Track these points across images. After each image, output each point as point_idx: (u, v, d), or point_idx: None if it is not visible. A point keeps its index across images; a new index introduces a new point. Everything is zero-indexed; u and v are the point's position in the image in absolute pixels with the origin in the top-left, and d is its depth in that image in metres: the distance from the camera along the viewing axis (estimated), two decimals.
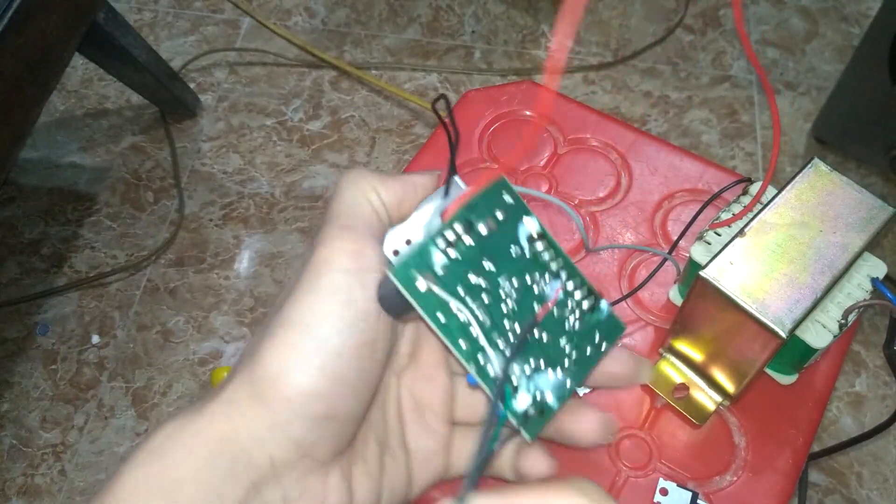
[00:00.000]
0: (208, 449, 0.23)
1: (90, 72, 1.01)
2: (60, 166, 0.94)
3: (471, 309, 0.26)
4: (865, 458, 0.76)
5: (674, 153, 0.48)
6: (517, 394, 0.26)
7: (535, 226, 0.28)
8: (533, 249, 0.28)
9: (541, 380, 0.27)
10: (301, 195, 0.92)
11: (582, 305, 0.28)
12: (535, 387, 0.27)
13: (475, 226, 0.27)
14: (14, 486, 0.74)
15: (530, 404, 0.26)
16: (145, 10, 1.07)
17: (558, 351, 0.28)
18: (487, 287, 0.27)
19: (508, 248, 0.28)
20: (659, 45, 1.05)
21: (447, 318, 0.26)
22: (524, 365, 0.27)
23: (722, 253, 0.35)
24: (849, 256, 0.35)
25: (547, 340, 0.27)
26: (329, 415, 0.24)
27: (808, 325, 0.35)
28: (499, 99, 0.51)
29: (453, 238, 0.27)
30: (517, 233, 0.28)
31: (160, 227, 0.89)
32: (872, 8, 1.08)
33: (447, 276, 0.26)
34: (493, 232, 0.27)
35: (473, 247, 0.27)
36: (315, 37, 1.05)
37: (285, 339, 0.24)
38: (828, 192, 0.36)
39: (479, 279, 0.27)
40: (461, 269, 0.27)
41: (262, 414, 0.23)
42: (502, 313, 0.27)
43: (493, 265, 0.27)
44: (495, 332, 0.26)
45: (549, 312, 0.28)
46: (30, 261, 0.87)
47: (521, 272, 0.27)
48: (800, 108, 1.00)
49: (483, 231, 0.27)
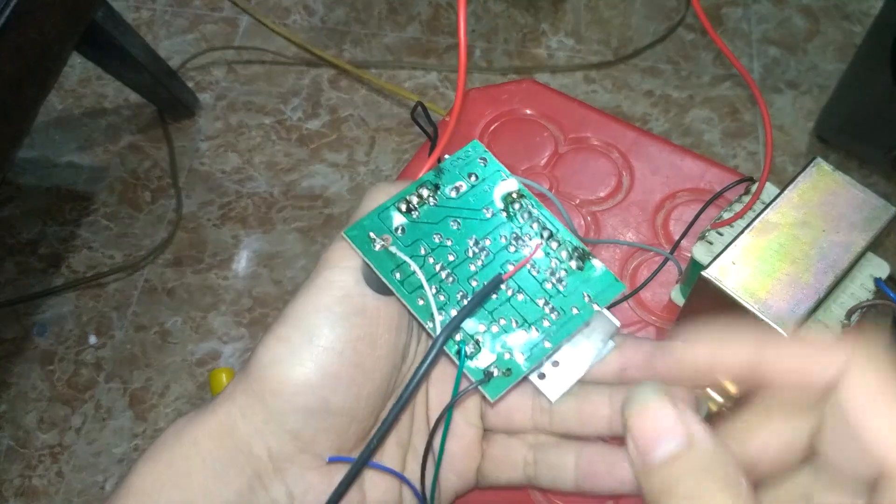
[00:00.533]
0: (212, 441, 0.24)
1: (88, 71, 1.01)
2: (58, 166, 0.93)
3: (431, 267, 0.26)
4: None
5: (675, 152, 0.48)
6: (479, 352, 0.25)
7: (513, 185, 0.28)
8: (511, 211, 0.27)
9: (510, 339, 0.26)
10: (300, 194, 0.91)
11: (568, 264, 0.27)
12: (501, 346, 0.26)
13: (443, 188, 0.27)
14: (11, 488, 0.74)
15: (494, 363, 0.25)
16: (143, 9, 1.07)
17: (535, 310, 0.26)
18: (454, 247, 0.27)
19: (481, 209, 0.27)
20: (660, 43, 1.04)
21: (404, 277, 0.26)
22: (491, 324, 0.26)
23: (724, 253, 0.34)
24: (851, 256, 0.34)
25: (522, 300, 0.26)
26: (323, 408, 0.24)
27: (811, 326, 0.35)
28: (499, 98, 0.50)
29: (416, 201, 0.27)
30: (492, 194, 0.28)
31: (158, 226, 0.89)
32: (874, 6, 1.07)
33: (406, 236, 0.26)
34: (463, 193, 0.27)
35: (438, 207, 0.27)
36: (314, 35, 1.05)
37: (279, 333, 0.25)
38: (830, 191, 0.36)
39: (445, 239, 0.27)
40: (423, 230, 0.27)
41: (256, 406, 0.24)
42: (470, 272, 0.26)
43: (460, 225, 0.27)
44: (460, 292, 0.26)
45: (527, 271, 0.27)
46: (27, 261, 0.86)
47: (495, 232, 0.27)
48: (802, 107, 0.99)
49: (452, 193, 0.27)
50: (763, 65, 1.02)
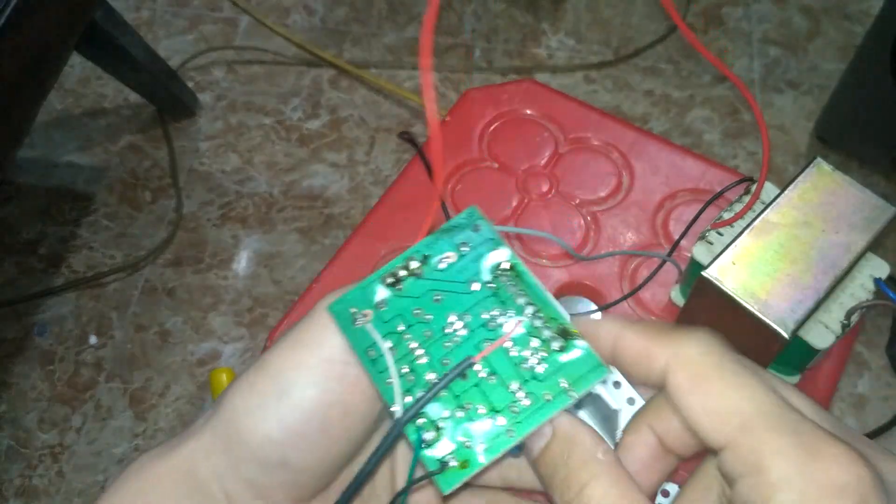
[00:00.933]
0: (172, 478, 0.24)
1: (88, 71, 1.00)
2: (58, 166, 0.93)
3: (405, 345, 0.25)
4: None
5: (675, 152, 0.48)
6: (439, 440, 0.23)
7: (504, 255, 0.25)
8: (498, 283, 0.25)
9: (473, 427, 0.24)
10: (300, 194, 0.91)
11: (550, 345, 0.24)
12: (463, 434, 0.23)
13: (431, 260, 0.26)
14: (12, 488, 0.74)
15: (452, 452, 0.23)
16: (143, 9, 1.07)
17: (504, 396, 0.24)
18: (432, 323, 0.25)
19: (466, 281, 0.25)
20: (660, 43, 1.04)
21: (377, 355, 0.24)
22: (456, 409, 0.24)
23: (724, 253, 0.34)
24: (851, 256, 0.34)
25: (494, 382, 0.24)
26: (282, 463, 0.24)
27: (811, 326, 0.35)
28: (499, 98, 0.50)
29: (403, 273, 0.25)
30: (480, 265, 0.25)
31: (158, 226, 0.89)
32: (874, 6, 1.07)
33: (388, 310, 0.25)
34: (452, 265, 0.26)
35: (423, 279, 0.25)
36: (314, 35, 1.05)
37: (253, 381, 0.25)
38: (830, 191, 0.36)
39: (425, 314, 0.25)
40: (404, 304, 0.25)
41: (219, 449, 0.24)
42: (444, 352, 0.24)
43: (443, 299, 0.25)
44: (430, 373, 0.24)
45: (503, 352, 0.24)
46: (27, 261, 0.86)
47: (476, 307, 0.25)
48: (802, 107, 0.99)
49: (441, 265, 0.26)
50: (763, 64, 1.02)
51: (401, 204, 0.46)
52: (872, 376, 0.80)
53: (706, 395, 0.22)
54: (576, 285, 0.43)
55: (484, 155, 0.48)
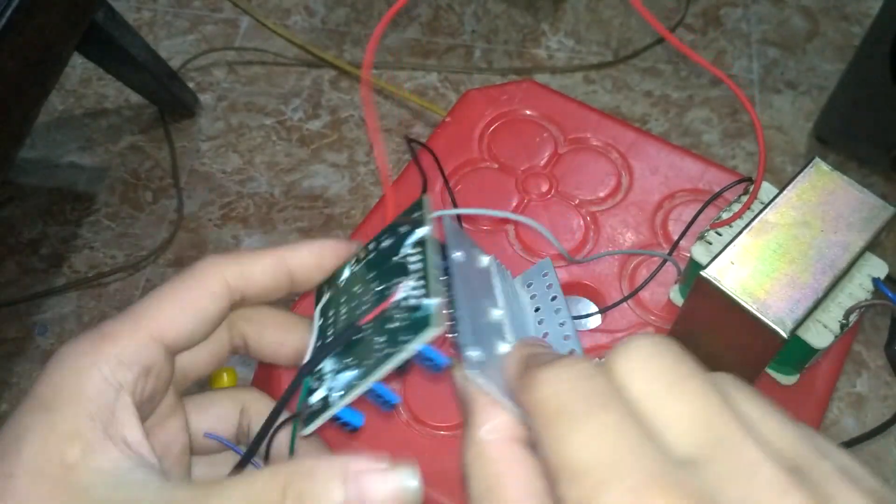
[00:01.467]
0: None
1: (89, 71, 1.01)
2: (59, 166, 0.93)
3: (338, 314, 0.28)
4: (866, 458, 0.76)
5: (674, 153, 0.48)
6: (318, 388, 0.26)
7: (423, 231, 0.28)
8: (408, 255, 0.27)
9: (340, 377, 0.26)
10: (300, 195, 0.91)
11: (412, 304, 0.25)
12: (332, 384, 0.26)
13: (381, 242, 0.29)
14: None
15: (320, 399, 0.26)
16: (144, 10, 1.07)
17: (370, 349, 0.26)
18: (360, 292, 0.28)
19: (391, 256, 0.28)
20: (660, 44, 1.05)
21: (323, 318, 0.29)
22: (339, 364, 0.26)
23: (723, 253, 0.34)
24: (850, 256, 0.34)
25: (375, 340, 0.26)
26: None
27: (810, 326, 0.35)
28: (499, 98, 0.50)
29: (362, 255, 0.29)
30: (405, 240, 0.28)
31: (159, 226, 0.89)
32: (873, 7, 1.07)
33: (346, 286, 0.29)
34: (391, 243, 0.29)
35: (371, 259, 0.29)
36: (314, 36, 1.05)
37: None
38: (829, 191, 0.36)
39: (360, 287, 0.28)
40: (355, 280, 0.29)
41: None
42: (356, 315, 0.27)
43: (376, 272, 0.28)
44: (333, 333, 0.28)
45: (387, 314, 0.26)
46: (29, 261, 0.86)
47: (388, 278, 0.27)
48: (801, 108, 0.99)
49: (386, 243, 0.29)
50: (762, 65, 1.03)
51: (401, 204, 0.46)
52: (871, 376, 0.81)
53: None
54: (575, 285, 0.43)
55: (484, 155, 0.48)
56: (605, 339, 0.41)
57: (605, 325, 0.42)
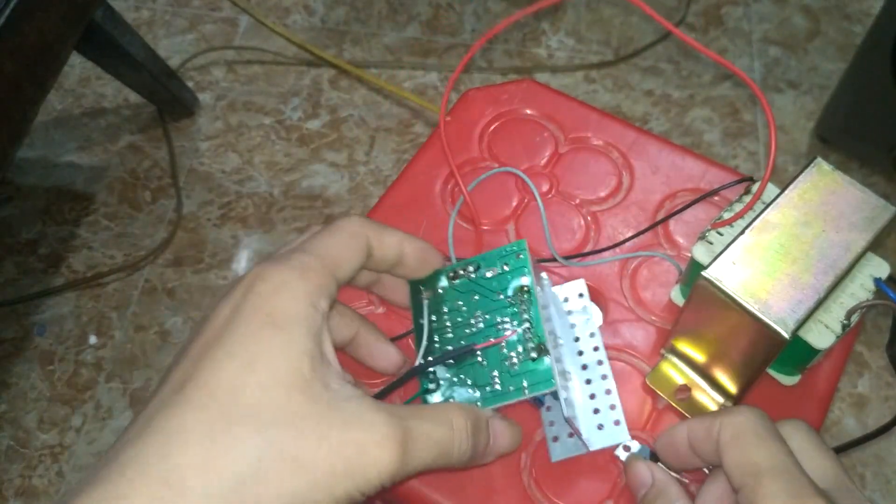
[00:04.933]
0: None
1: (88, 71, 1.01)
2: (58, 166, 0.93)
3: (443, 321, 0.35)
4: (868, 459, 0.76)
5: (675, 152, 0.48)
6: (435, 392, 0.34)
7: (526, 280, 0.35)
8: (516, 299, 0.34)
9: (457, 391, 0.33)
10: (300, 194, 0.91)
11: (529, 353, 0.33)
12: (451, 393, 0.33)
13: (482, 269, 0.36)
14: (11, 488, 0.74)
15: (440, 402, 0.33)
16: (143, 9, 1.07)
17: (486, 377, 0.33)
18: (464, 312, 0.35)
19: (496, 292, 0.35)
20: (660, 43, 1.04)
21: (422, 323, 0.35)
22: (455, 375, 0.34)
23: (724, 253, 0.34)
24: (852, 256, 0.34)
25: (485, 365, 0.33)
26: None
27: (811, 326, 0.35)
28: (499, 98, 0.50)
29: (462, 273, 0.36)
30: (510, 283, 0.35)
31: (158, 226, 0.89)
32: (874, 6, 1.07)
33: (443, 295, 0.36)
34: (493, 277, 0.35)
35: (471, 282, 0.36)
36: (314, 35, 1.05)
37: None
38: (830, 191, 0.36)
39: (462, 306, 0.35)
40: (452, 295, 0.36)
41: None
42: (464, 335, 0.35)
43: (478, 299, 0.35)
44: (450, 344, 0.35)
45: (498, 347, 0.33)
46: (27, 261, 0.86)
47: (495, 311, 0.34)
48: (802, 107, 0.99)
49: (488, 274, 0.35)
50: (763, 64, 1.02)
51: (401, 204, 0.46)
52: (873, 376, 0.80)
53: (737, 449, 0.29)
54: None
55: (484, 155, 0.48)
56: (605, 340, 0.41)
57: (605, 324, 0.42)
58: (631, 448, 0.37)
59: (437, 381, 0.34)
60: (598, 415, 0.37)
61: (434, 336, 0.35)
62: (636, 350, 0.41)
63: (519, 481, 0.36)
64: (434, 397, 0.33)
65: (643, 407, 0.39)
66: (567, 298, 0.40)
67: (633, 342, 0.41)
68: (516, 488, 0.36)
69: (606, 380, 0.38)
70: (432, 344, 0.35)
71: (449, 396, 0.33)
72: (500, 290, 0.35)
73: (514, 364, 0.33)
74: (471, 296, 0.35)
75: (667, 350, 0.39)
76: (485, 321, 0.34)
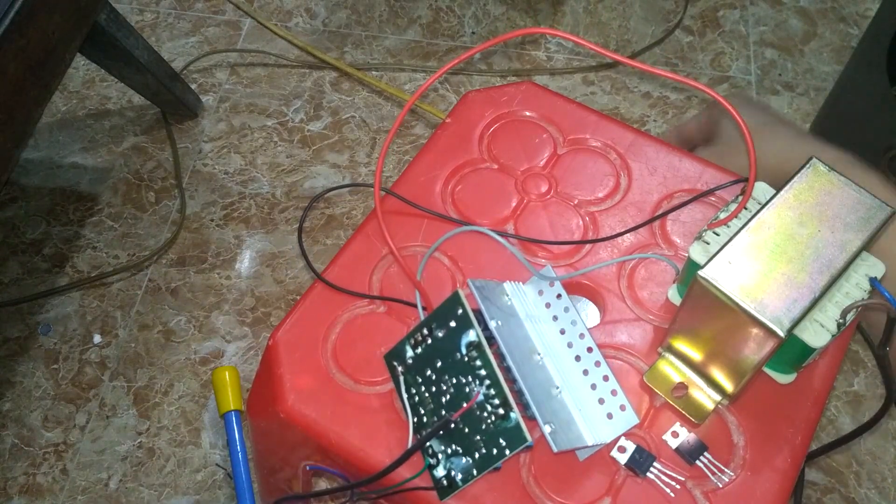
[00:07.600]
0: None
1: (92, 73, 1.01)
2: (62, 167, 0.94)
3: (421, 396, 0.37)
4: (864, 456, 0.76)
5: (673, 153, 0.48)
6: (438, 465, 0.36)
7: (473, 335, 0.36)
8: (470, 355, 0.35)
9: (455, 461, 0.36)
10: (302, 195, 0.92)
11: (497, 411, 0.34)
12: (450, 465, 0.36)
13: (434, 331, 0.37)
14: (16, 486, 0.75)
15: (444, 475, 0.36)
16: (147, 12, 1.08)
17: (472, 443, 0.35)
18: (435, 379, 0.36)
19: (454, 352, 0.36)
20: (658, 45, 1.05)
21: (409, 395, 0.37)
22: (447, 447, 0.36)
23: (720, 252, 0.35)
24: (847, 256, 0.35)
25: (467, 432, 0.35)
26: None
27: (807, 325, 0.35)
28: (498, 100, 0.51)
29: (419, 338, 0.37)
30: (461, 340, 0.36)
31: (162, 227, 0.90)
32: (871, 9, 1.08)
33: (413, 366, 0.37)
34: (446, 335, 0.36)
35: (430, 346, 0.37)
36: (316, 38, 1.05)
37: None
38: (826, 191, 0.36)
39: (432, 373, 0.37)
40: (419, 366, 0.37)
41: None
42: (441, 402, 0.36)
43: (441, 362, 0.36)
44: (435, 416, 0.36)
45: (472, 410, 0.35)
46: (32, 261, 0.87)
47: (458, 372, 0.36)
48: (798, 109, 1.00)
49: (440, 334, 0.37)
50: (760, 66, 1.03)
51: (401, 204, 0.46)
52: (868, 374, 0.81)
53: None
54: (574, 285, 0.44)
55: (483, 156, 0.49)
56: (603, 338, 0.41)
57: (602, 323, 0.42)
58: (626, 448, 0.37)
59: (436, 456, 0.36)
60: (604, 405, 0.38)
61: (420, 409, 0.37)
62: (634, 349, 0.41)
63: (518, 478, 0.37)
64: (438, 471, 0.36)
65: (641, 404, 0.39)
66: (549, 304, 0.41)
67: (630, 341, 0.42)
68: (515, 485, 0.37)
69: (601, 367, 0.38)
70: (420, 418, 0.37)
71: (449, 468, 0.35)
72: (455, 349, 0.36)
73: (490, 425, 0.35)
74: (434, 362, 0.37)
75: (664, 349, 0.40)
76: (453, 386, 0.36)
